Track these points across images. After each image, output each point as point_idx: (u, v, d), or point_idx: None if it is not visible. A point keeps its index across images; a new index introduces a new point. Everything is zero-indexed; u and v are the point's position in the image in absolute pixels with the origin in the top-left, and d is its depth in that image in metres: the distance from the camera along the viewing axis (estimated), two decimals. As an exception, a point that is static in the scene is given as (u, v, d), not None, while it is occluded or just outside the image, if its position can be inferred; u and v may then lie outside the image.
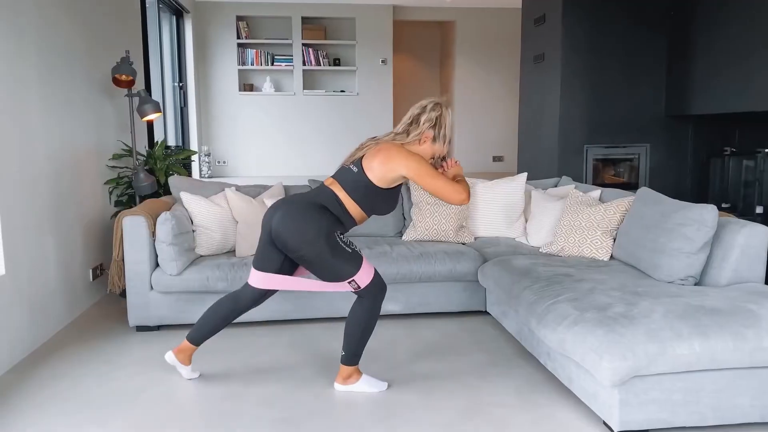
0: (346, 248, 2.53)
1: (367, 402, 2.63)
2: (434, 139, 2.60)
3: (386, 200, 2.61)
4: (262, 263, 2.63)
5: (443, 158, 2.72)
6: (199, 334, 2.77)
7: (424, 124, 2.58)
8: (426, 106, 2.61)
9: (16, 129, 3.14)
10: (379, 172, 2.52)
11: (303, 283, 2.69)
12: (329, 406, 2.61)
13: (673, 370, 2.23)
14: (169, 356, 2.82)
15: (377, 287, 2.62)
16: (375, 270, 2.62)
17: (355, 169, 2.56)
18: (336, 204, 2.56)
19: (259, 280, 2.65)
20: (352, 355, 2.70)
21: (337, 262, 2.51)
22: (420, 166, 2.50)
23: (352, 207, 2.57)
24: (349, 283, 2.55)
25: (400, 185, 2.64)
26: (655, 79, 6.03)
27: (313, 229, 2.47)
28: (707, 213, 2.78)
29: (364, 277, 2.56)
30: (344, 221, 2.59)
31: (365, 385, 2.72)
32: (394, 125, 10.09)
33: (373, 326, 2.68)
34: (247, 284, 2.72)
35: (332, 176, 2.65)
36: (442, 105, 2.61)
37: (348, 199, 2.56)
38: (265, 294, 2.75)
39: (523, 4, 6.88)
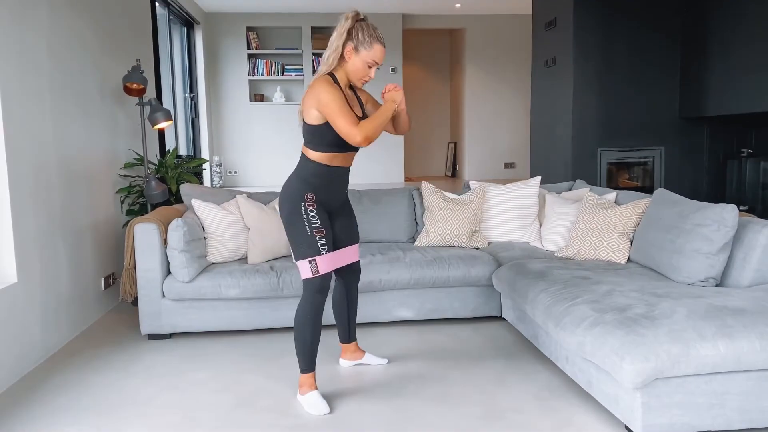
0: (307, 228, 2.54)
1: (382, 408, 2.59)
2: (356, 49, 2.54)
3: (332, 133, 2.52)
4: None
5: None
6: (341, 330, 2.99)
7: (334, 40, 2.54)
8: (336, 26, 2.56)
9: (28, 137, 3.14)
10: (308, 111, 2.53)
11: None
12: (343, 412, 2.56)
13: (697, 372, 2.16)
14: (343, 362, 3.04)
15: (313, 285, 2.53)
16: (327, 275, 2.54)
17: (302, 119, 2.60)
18: (303, 159, 2.63)
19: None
20: (299, 360, 2.62)
21: (291, 238, 2.57)
22: (328, 103, 2.44)
23: (309, 153, 2.60)
24: (311, 264, 2.53)
25: None
26: (669, 81, 5.97)
27: (282, 205, 2.61)
28: (727, 213, 2.73)
29: (306, 269, 2.52)
30: (313, 173, 2.59)
31: (306, 403, 2.59)
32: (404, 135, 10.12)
33: (305, 330, 2.55)
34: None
35: None
36: (350, 16, 2.55)
37: (305, 148, 2.62)
38: (345, 275, 2.88)
39: (533, 9, 6.85)
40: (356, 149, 2.66)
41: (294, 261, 2.61)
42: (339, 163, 2.63)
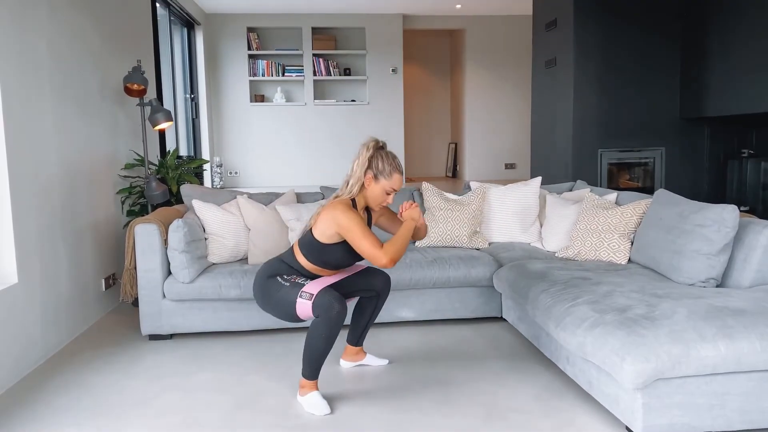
0: (283, 283, 2.62)
1: (383, 409, 2.59)
2: (375, 178, 2.64)
3: (333, 253, 2.65)
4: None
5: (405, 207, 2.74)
6: (352, 332, 3.01)
7: (356, 170, 2.65)
8: (357, 154, 2.67)
9: (29, 138, 3.14)
10: (319, 228, 2.62)
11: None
12: (343, 413, 2.56)
13: (697, 373, 2.16)
14: (344, 363, 3.04)
15: (321, 307, 2.50)
16: (324, 289, 2.54)
17: (309, 229, 2.70)
18: (291, 256, 2.72)
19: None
20: (304, 367, 2.62)
21: (274, 303, 2.62)
22: (350, 228, 2.53)
23: (302, 259, 2.68)
24: (302, 296, 2.54)
25: (345, 241, 2.62)
26: (669, 81, 5.97)
27: (256, 284, 2.71)
28: (727, 213, 2.72)
29: (304, 303, 2.53)
30: (297, 272, 2.69)
31: (307, 403, 2.60)
32: (405, 134, 10.12)
33: (317, 342, 2.52)
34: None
35: None
36: (371, 146, 2.65)
37: (299, 253, 2.69)
38: (372, 281, 2.91)
39: (534, 9, 6.85)
40: (349, 266, 2.78)
41: (297, 313, 2.58)
42: (325, 275, 2.74)
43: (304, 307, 2.53)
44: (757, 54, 4.96)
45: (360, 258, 2.70)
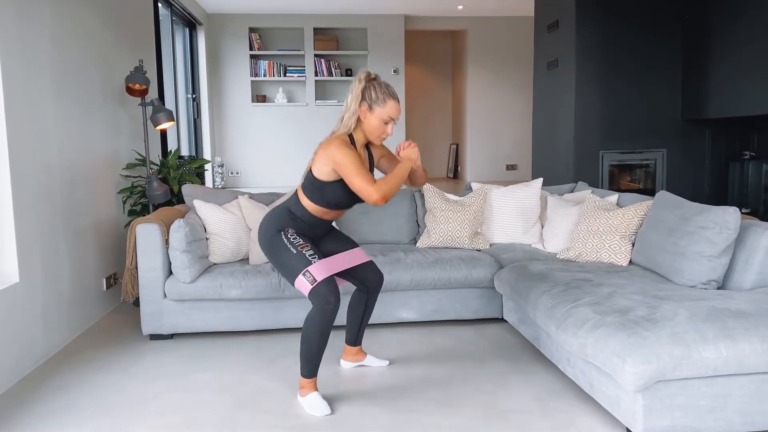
0: (291, 248, 2.57)
1: (383, 410, 2.59)
2: (370, 108, 2.58)
3: (333, 191, 2.59)
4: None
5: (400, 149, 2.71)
6: (350, 332, 3.00)
7: (350, 104, 2.60)
8: (350, 88, 2.62)
9: (31, 137, 3.14)
10: (317, 166, 2.57)
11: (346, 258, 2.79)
12: (344, 414, 2.56)
13: (698, 375, 2.16)
14: (344, 364, 3.04)
15: (318, 297, 2.50)
16: (325, 280, 2.51)
17: (309, 169, 2.66)
18: (295, 201, 2.68)
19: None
20: (302, 365, 2.61)
21: (278, 264, 2.60)
22: (343, 163, 2.48)
23: (306, 202, 2.65)
24: (305, 276, 2.52)
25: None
26: (670, 83, 5.97)
27: (261, 233, 2.67)
28: (729, 215, 2.72)
29: (305, 283, 2.51)
30: (301, 216, 2.66)
31: (307, 404, 2.59)
32: (406, 135, 10.11)
33: (312, 339, 2.53)
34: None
35: None
36: (362, 78, 2.60)
37: (303, 197, 2.65)
38: (363, 278, 2.89)
39: (536, 11, 6.86)
40: (350, 208, 2.74)
41: (293, 286, 2.59)
42: (330, 218, 2.72)
43: (303, 285, 2.52)
44: (759, 55, 4.96)
45: (360, 199, 2.63)
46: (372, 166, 2.76)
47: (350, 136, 2.62)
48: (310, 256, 2.55)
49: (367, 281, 2.89)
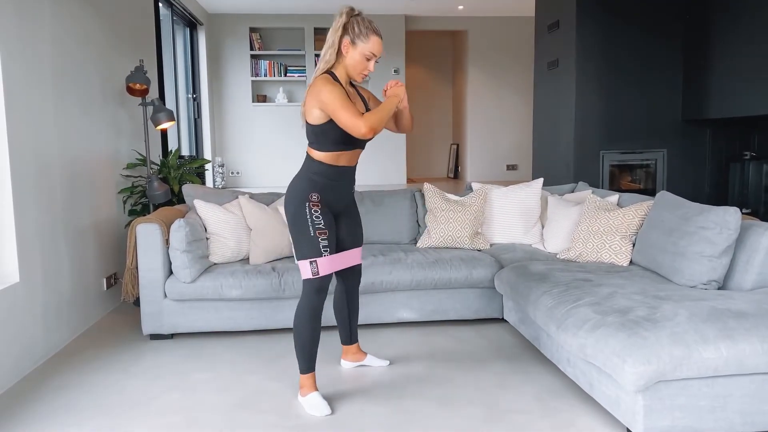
0: (309, 229, 2.55)
1: (383, 410, 2.59)
2: (353, 42, 2.54)
3: (332, 132, 2.53)
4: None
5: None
6: (342, 331, 3.00)
7: (330, 38, 2.55)
8: (332, 25, 2.57)
9: (32, 137, 3.14)
10: (309, 111, 2.53)
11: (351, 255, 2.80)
12: (344, 414, 2.56)
13: (699, 375, 2.16)
14: (344, 364, 3.04)
15: (312, 286, 2.53)
16: (327, 276, 2.54)
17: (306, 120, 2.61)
18: (309, 161, 2.62)
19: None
20: (298, 360, 2.61)
21: (294, 237, 2.58)
22: (329, 99, 2.44)
23: (317, 155, 2.59)
24: (312, 264, 2.53)
25: None
26: (671, 83, 5.97)
27: (287, 204, 2.61)
28: (730, 216, 2.72)
29: (307, 269, 2.53)
30: (319, 171, 2.59)
31: (307, 404, 2.59)
32: (407, 135, 10.09)
33: (304, 330, 2.55)
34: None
35: None
36: (344, 12, 2.55)
37: (312, 151, 2.60)
38: (346, 276, 2.89)
39: (536, 11, 6.85)
40: (362, 146, 2.66)
41: (295, 261, 2.60)
42: (344, 162, 2.64)
43: (305, 269, 2.54)
44: (759, 56, 4.96)
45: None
46: (365, 103, 2.71)
47: (332, 74, 2.57)
48: (323, 247, 2.54)
49: (348, 278, 2.90)
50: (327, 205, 2.61)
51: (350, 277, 2.90)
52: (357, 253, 2.84)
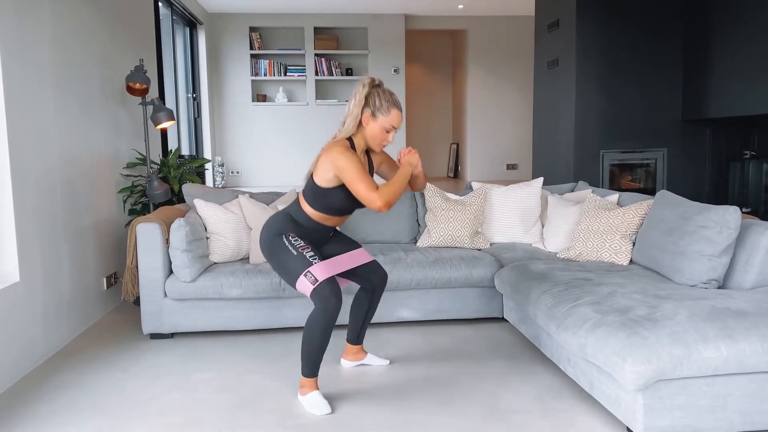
0: (292, 250, 2.57)
1: (383, 409, 2.59)
2: (373, 115, 2.58)
3: (335, 197, 2.59)
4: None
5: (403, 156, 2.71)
6: (351, 331, 3.00)
7: (354, 108, 2.59)
8: (354, 93, 2.62)
9: (32, 137, 3.14)
10: (319, 172, 2.57)
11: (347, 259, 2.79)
12: (344, 413, 2.56)
13: (699, 374, 2.16)
14: (345, 363, 3.03)
15: (320, 297, 2.50)
16: (327, 281, 2.52)
17: (310, 175, 2.66)
18: (297, 208, 2.68)
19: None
20: (303, 364, 2.62)
21: (279, 267, 2.59)
22: (346, 168, 2.48)
23: (307, 209, 2.65)
24: (307, 276, 2.52)
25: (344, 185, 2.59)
26: (671, 82, 5.97)
27: (262, 238, 2.66)
28: (730, 215, 2.72)
29: (306, 284, 2.51)
30: (303, 222, 2.66)
31: (307, 403, 2.59)
32: (407, 134, 10.11)
33: (315, 338, 2.52)
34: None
35: None
36: (366, 83, 2.60)
37: (304, 203, 2.66)
38: (367, 278, 2.90)
39: (536, 10, 6.85)
40: (351, 213, 2.73)
41: (294, 288, 2.59)
42: (331, 224, 2.71)
43: (304, 286, 2.52)
44: (760, 55, 4.96)
45: (362, 204, 2.63)
46: (372, 171, 2.76)
47: (351, 141, 2.62)
48: (310, 257, 2.55)
49: (372, 280, 2.90)
50: (304, 238, 2.65)
51: (375, 279, 2.89)
52: (359, 254, 2.84)
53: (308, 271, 2.51)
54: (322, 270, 2.53)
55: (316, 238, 2.71)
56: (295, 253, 2.55)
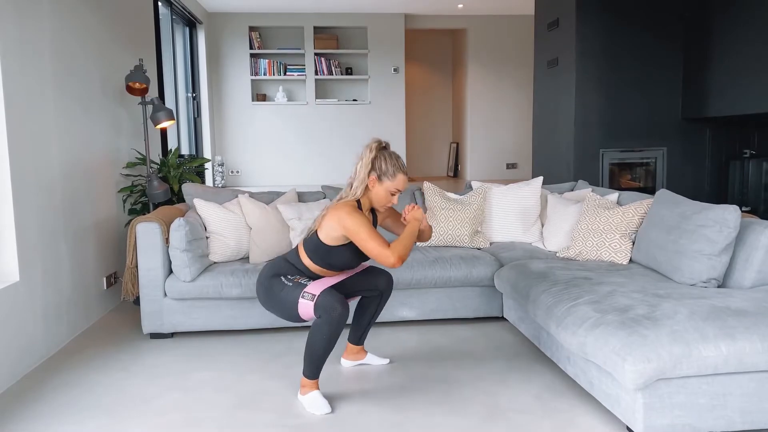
0: (286, 283, 2.62)
1: (383, 408, 2.59)
2: (379, 179, 2.63)
3: (339, 255, 2.65)
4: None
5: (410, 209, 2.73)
6: (354, 331, 3.02)
7: (360, 172, 2.64)
8: (360, 156, 2.68)
9: (31, 136, 3.14)
10: (324, 230, 2.61)
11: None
12: (344, 412, 2.56)
13: (698, 373, 2.16)
14: (344, 362, 3.04)
15: (323, 308, 2.50)
16: (326, 290, 2.54)
17: (314, 231, 2.69)
18: (295, 256, 2.71)
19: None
20: (305, 366, 2.62)
21: (279, 298, 2.61)
22: (356, 230, 2.52)
23: (306, 261, 2.68)
24: (304, 297, 2.55)
25: (351, 242, 2.63)
26: (671, 81, 5.97)
27: (260, 282, 2.70)
28: (729, 214, 2.72)
29: (306, 304, 2.53)
30: (301, 272, 2.69)
31: (307, 403, 2.60)
32: (406, 133, 10.11)
33: (318, 342, 2.53)
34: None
35: None
36: (373, 147, 2.65)
37: (304, 255, 2.68)
38: (374, 281, 2.92)
39: (536, 9, 6.85)
40: (354, 268, 2.77)
41: (297, 317, 2.61)
42: (329, 276, 2.73)
43: (306, 308, 2.54)
44: (759, 54, 4.96)
45: (365, 258, 2.69)
46: (375, 225, 2.80)
47: (357, 202, 2.66)
48: (305, 282, 2.60)
49: (379, 285, 2.92)
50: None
51: (382, 282, 2.91)
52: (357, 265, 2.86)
53: (304, 291, 2.55)
54: (316, 285, 2.57)
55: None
56: (290, 285, 2.60)
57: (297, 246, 2.74)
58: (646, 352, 2.12)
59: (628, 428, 2.32)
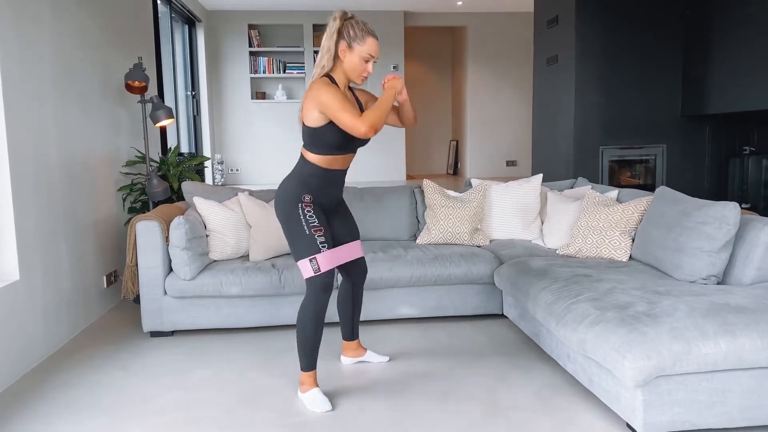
0: (305, 228, 2.55)
1: (383, 406, 2.59)
2: (349, 46, 2.55)
3: (329, 135, 2.55)
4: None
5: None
6: (344, 328, 3.00)
7: (326, 43, 2.56)
8: (326, 28, 2.58)
9: (31, 135, 3.14)
10: (306, 113, 2.54)
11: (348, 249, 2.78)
12: (344, 410, 2.57)
13: (698, 370, 2.16)
14: (344, 360, 3.05)
15: (316, 284, 2.53)
16: (327, 272, 2.54)
17: (302, 122, 2.62)
18: (303, 162, 2.65)
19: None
20: (300, 357, 2.62)
21: (290, 239, 2.58)
22: (329, 101, 2.45)
23: (311, 156, 2.62)
24: (312, 262, 2.53)
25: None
26: (670, 79, 5.96)
27: (278, 203, 2.63)
28: (729, 211, 2.72)
29: (308, 268, 2.53)
30: (313, 173, 2.62)
31: (307, 400, 2.60)
32: (406, 131, 10.08)
33: (308, 328, 2.56)
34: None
35: None
36: (338, 17, 2.56)
37: (306, 151, 2.63)
38: (351, 272, 2.89)
39: (535, 6, 6.84)
40: (354, 151, 2.69)
41: (295, 261, 2.60)
42: (338, 166, 2.67)
43: (306, 269, 2.54)
44: (759, 51, 4.95)
45: (359, 140, 2.60)
46: (361, 108, 2.72)
47: (331, 78, 2.58)
48: (320, 243, 2.55)
49: (353, 274, 2.90)
50: (319, 205, 2.64)
51: (355, 272, 2.91)
52: (357, 246, 2.84)
53: (314, 257, 2.53)
54: (326, 260, 2.55)
55: (329, 197, 2.69)
56: (307, 233, 2.54)
57: (301, 152, 2.67)
58: (645, 349, 2.12)
59: (628, 425, 2.32)
